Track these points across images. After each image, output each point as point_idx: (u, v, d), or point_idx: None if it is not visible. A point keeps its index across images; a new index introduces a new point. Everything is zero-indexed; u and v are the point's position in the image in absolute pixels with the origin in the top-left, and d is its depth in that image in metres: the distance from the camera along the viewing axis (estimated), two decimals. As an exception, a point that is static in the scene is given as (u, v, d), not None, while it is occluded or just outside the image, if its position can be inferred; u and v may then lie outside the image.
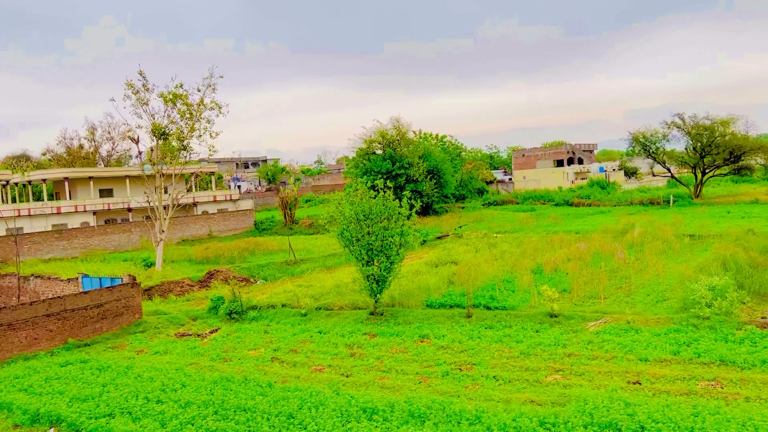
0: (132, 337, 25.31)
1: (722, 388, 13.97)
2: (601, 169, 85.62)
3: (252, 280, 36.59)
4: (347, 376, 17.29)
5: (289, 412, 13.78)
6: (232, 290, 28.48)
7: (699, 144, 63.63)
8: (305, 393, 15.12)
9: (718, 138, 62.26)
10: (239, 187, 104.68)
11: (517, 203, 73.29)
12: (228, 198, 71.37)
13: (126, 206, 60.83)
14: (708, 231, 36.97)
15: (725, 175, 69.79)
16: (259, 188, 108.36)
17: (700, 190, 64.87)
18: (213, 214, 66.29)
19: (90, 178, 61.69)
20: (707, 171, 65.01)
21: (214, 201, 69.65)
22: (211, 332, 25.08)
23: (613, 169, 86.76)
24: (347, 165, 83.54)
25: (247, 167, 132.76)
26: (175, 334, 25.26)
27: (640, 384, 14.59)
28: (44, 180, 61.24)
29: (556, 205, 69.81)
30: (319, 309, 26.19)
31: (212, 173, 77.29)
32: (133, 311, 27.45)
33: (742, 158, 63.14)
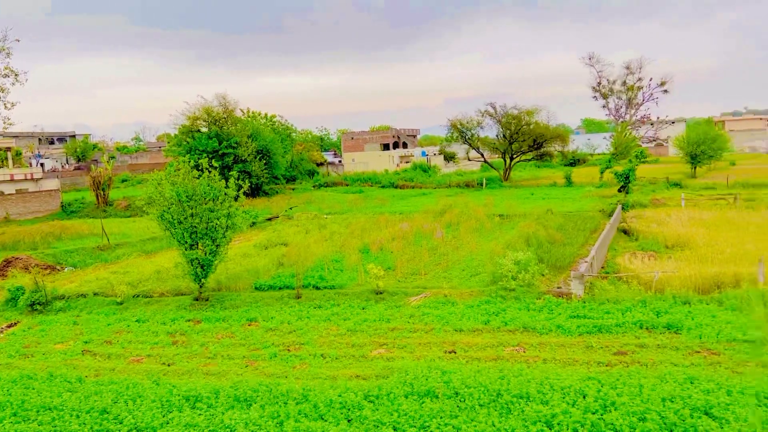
0: None
1: (525, 352, 15.51)
2: (423, 154, 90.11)
3: (59, 267, 33.21)
4: (169, 365, 16.44)
5: (102, 407, 12.73)
6: (34, 279, 25.57)
7: (508, 131, 69.72)
8: (121, 386, 14.08)
9: (524, 126, 68.72)
10: (42, 165, 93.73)
11: (347, 185, 74.72)
12: (29, 177, 63.72)
13: None
14: (515, 211, 40.73)
15: (530, 160, 77.18)
16: (67, 167, 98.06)
17: (508, 173, 71.21)
18: (10, 194, 58.92)
19: None
20: (515, 156, 71.55)
21: (12, 180, 61.77)
22: (9, 326, 22.36)
23: (434, 154, 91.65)
24: (169, 143, 78.69)
25: (52, 143, 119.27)
26: (-37, 332, 22.11)
27: (455, 353, 15.69)
28: None
29: (383, 187, 72.34)
30: (137, 296, 24.52)
31: (8, 149, 68.35)
32: None
33: (544, 145, 70.43)
